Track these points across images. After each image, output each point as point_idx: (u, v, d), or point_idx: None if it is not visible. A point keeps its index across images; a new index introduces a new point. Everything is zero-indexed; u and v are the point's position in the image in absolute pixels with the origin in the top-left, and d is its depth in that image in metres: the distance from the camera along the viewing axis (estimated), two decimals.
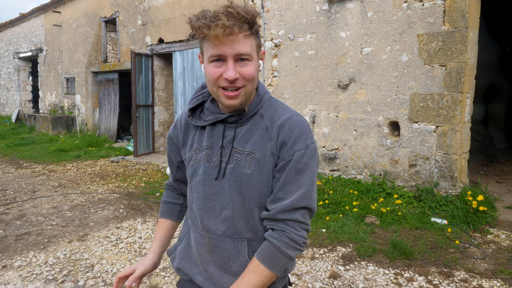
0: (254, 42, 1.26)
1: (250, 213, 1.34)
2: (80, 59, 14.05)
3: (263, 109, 1.38)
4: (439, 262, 4.05)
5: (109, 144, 12.57)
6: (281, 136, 1.30)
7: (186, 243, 1.52)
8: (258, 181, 1.32)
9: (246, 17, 1.18)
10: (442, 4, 5.52)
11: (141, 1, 11.08)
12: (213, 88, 1.28)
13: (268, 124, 1.35)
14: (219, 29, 1.14)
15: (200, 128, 1.44)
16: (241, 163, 1.32)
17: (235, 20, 1.16)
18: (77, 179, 7.95)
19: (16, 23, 18.36)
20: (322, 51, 6.95)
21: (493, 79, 10.63)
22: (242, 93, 1.27)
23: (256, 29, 1.25)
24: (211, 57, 1.23)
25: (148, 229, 5.08)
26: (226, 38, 1.17)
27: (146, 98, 10.94)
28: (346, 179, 6.68)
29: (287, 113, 1.36)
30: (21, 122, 17.80)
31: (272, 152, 1.31)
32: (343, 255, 4.24)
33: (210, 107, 1.43)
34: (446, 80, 5.54)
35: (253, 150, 1.32)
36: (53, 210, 5.88)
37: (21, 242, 4.62)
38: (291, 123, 1.32)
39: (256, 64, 1.28)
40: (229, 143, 1.35)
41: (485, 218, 5.06)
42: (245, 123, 1.37)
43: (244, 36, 1.21)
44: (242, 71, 1.23)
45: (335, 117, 6.86)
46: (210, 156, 1.38)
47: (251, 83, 1.28)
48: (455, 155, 5.53)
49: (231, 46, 1.19)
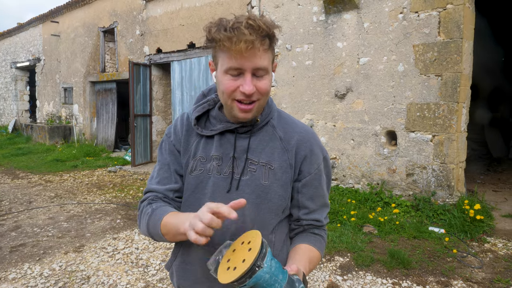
0: (271, 56, 1.24)
1: (263, 225, 1.30)
2: (78, 69, 14.08)
3: (274, 119, 1.39)
4: (436, 271, 4.04)
5: (106, 154, 12.55)
6: (302, 150, 1.35)
7: (181, 260, 1.41)
8: (276, 193, 1.31)
9: (267, 31, 1.16)
10: (437, 15, 5.58)
11: (139, 12, 11.14)
12: (227, 100, 1.25)
13: (282, 135, 1.36)
14: (243, 44, 1.11)
15: (206, 137, 1.38)
16: (257, 175, 1.30)
17: (257, 35, 1.13)
18: (74, 189, 7.92)
19: (14, 33, 18.40)
20: (319, 61, 6.99)
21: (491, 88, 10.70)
22: (256, 106, 1.25)
23: (274, 44, 1.23)
24: (229, 70, 1.19)
25: (145, 239, 5.06)
26: (247, 52, 1.14)
27: (144, 107, 10.95)
28: (344, 188, 6.68)
29: (300, 125, 1.42)
30: (18, 132, 17.76)
31: (290, 164, 1.33)
32: (341, 265, 4.23)
33: (219, 116, 1.38)
34: (442, 90, 5.57)
35: (269, 161, 1.32)
36: (49, 221, 5.85)
37: (16, 254, 4.58)
38: (309, 137, 1.38)
39: (271, 77, 1.27)
40: (243, 154, 1.32)
41: (482, 227, 5.06)
42: (257, 133, 1.35)
43: (264, 50, 1.18)
44: (259, 85, 1.21)
45: (332, 126, 6.88)
46: (220, 167, 1.32)
47: (265, 97, 1.26)
48: (451, 164, 5.55)
49: (251, 60, 1.16)
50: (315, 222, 1.40)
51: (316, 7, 6.95)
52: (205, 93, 1.47)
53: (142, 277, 3.99)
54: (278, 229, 1.37)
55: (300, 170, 1.35)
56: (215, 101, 1.42)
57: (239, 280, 0.97)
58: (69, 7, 14.13)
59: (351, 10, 6.49)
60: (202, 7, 9.27)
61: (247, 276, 0.96)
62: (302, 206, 1.38)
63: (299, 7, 7.22)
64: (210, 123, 1.40)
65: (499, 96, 11.17)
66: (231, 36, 1.12)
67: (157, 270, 4.15)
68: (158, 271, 4.13)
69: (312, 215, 1.40)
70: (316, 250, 1.37)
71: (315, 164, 1.36)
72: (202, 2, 9.25)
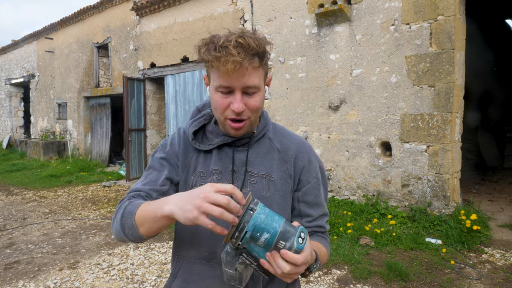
0: (263, 72, 1.24)
1: None
2: (72, 84, 14.07)
3: (269, 132, 1.41)
4: (435, 283, 4.01)
5: (101, 168, 12.48)
6: (300, 161, 1.38)
7: (182, 280, 1.36)
8: (277, 203, 1.32)
9: (257, 50, 1.15)
10: (428, 26, 5.63)
11: (133, 27, 11.19)
12: (220, 117, 1.26)
13: (280, 147, 1.38)
14: (230, 64, 1.11)
15: (204, 152, 1.38)
16: (258, 187, 1.31)
17: (245, 54, 1.13)
18: (68, 205, 7.86)
19: (8, 49, 18.41)
20: (312, 73, 7.02)
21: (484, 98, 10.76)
22: (247, 124, 1.27)
23: (266, 60, 1.23)
24: (219, 87, 1.20)
25: (140, 255, 5.01)
26: (235, 72, 1.14)
27: (138, 122, 10.93)
28: (339, 200, 6.66)
29: (295, 137, 1.45)
30: (12, 148, 17.67)
31: (290, 174, 1.36)
32: (338, 278, 4.20)
33: (215, 130, 1.38)
34: (435, 101, 5.60)
35: (268, 173, 1.33)
36: (43, 237, 5.78)
37: (10, 271, 4.52)
38: (305, 148, 1.42)
39: (263, 93, 1.27)
40: (242, 167, 1.33)
41: (479, 238, 5.05)
42: (254, 145, 1.37)
43: (253, 69, 1.18)
44: (249, 103, 1.22)
45: (327, 138, 6.89)
46: (220, 181, 1.31)
47: (255, 114, 1.27)
48: (447, 174, 5.55)
49: (239, 80, 1.17)
50: (318, 228, 1.42)
51: (308, 20, 7.01)
52: (199, 108, 1.48)
53: None
54: None
55: (299, 179, 1.37)
56: (211, 116, 1.43)
57: (238, 228, 0.99)
58: (63, 24, 14.17)
59: (343, 22, 6.55)
60: (195, 21, 9.32)
61: (245, 221, 0.99)
62: (304, 215, 1.40)
63: (291, 20, 7.28)
64: (207, 137, 1.40)
65: (490, 101, 11.21)
66: (219, 56, 1.12)
67: (153, 286, 4.10)
68: (154, 287, 4.08)
69: (314, 223, 1.42)
70: (323, 247, 1.36)
71: (313, 173, 1.39)
72: (195, 17, 9.31)
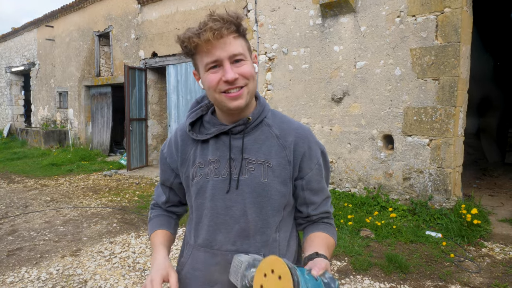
0: (245, 44, 1.27)
1: (266, 224, 1.32)
2: (73, 73, 14.03)
3: (268, 118, 1.40)
4: (434, 275, 4.03)
5: (102, 158, 12.49)
6: (300, 147, 1.36)
7: (191, 266, 1.41)
8: (276, 190, 1.32)
9: (232, 20, 1.20)
10: (434, 19, 5.60)
11: (134, 16, 11.13)
12: (214, 95, 1.26)
13: (279, 133, 1.37)
14: (208, 32, 1.16)
15: (201, 143, 1.39)
16: (256, 173, 1.31)
17: (222, 23, 1.18)
18: (69, 194, 7.87)
19: (8, 37, 18.34)
20: (316, 65, 7.00)
21: (485, 92, 10.75)
22: (245, 91, 1.25)
23: (243, 31, 1.27)
24: (207, 65, 1.23)
25: (141, 243, 5.02)
26: (217, 41, 1.18)
27: (139, 111, 10.92)
28: (340, 192, 6.68)
29: (295, 123, 1.43)
30: (13, 137, 17.66)
31: (289, 160, 1.34)
32: (339, 269, 4.22)
33: (212, 120, 1.40)
34: (439, 94, 5.59)
35: (267, 159, 1.33)
36: (45, 225, 5.80)
37: (13, 258, 4.54)
38: (305, 134, 1.40)
39: (252, 63, 1.29)
40: (238, 154, 1.33)
41: (479, 232, 5.07)
42: (251, 132, 1.35)
43: (234, 38, 1.22)
44: (240, 71, 1.23)
45: (329, 130, 6.89)
46: (218, 170, 1.33)
47: (252, 81, 1.27)
48: (448, 168, 5.56)
49: (223, 48, 1.20)
50: (324, 214, 1.46)
51: (313, 10, 6.97)
52: (198, 100, 1.49)
53: (140, 281, 3.96)
54: (282, 227, 1.38)
55: (300, 167, 1.36)
56: (208, 107, 1.45)
57: None
58: (64, 12, 14.08)
59: (347, 13, 6.52)
60: (197, 10, 9.26)
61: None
62: (309, 203, 1.42)
63: (295, 10, 7.24)
64: (204, 128, 1.42)
65: (489, 103, 11.22)
66: (198, 32, 1.18)
67: None
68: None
69: (320, 209, 1.44)
70: (331, 237, 1.41)
71: (314, 159, 1.38)
72: (198, 6, 9.25)
